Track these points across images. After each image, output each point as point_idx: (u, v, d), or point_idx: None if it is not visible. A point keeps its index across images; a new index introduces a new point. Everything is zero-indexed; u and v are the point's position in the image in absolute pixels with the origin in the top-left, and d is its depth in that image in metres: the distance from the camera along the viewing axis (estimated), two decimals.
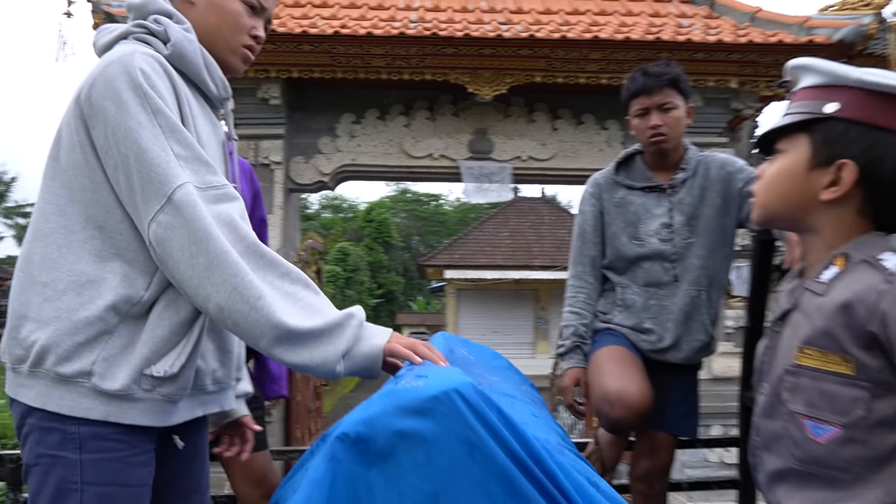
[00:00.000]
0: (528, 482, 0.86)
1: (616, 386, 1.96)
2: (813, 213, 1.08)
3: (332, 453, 0.84)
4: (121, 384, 1.12)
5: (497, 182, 6.62)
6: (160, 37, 1.26)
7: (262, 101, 6.28)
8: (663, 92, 2.10)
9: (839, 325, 1.00)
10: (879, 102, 1.01)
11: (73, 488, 1.11)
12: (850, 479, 0.98)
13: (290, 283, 1.15)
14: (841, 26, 5.79)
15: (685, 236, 2.15)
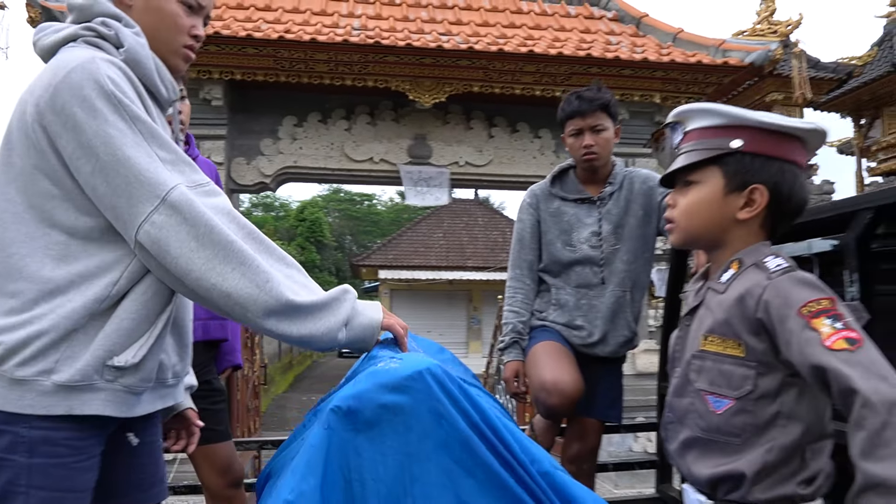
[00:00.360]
0: (482, 444, 1.09)
1: (552, 376, 2.17)
2: (729, 231, 1.28)
3: (328, 423, 1.05)
4: (80, 374, 1.11)
5: (435, 186, 6.83)
6: (111, 41, 1.25)
7: (205, 101, 6.29)
8: (595, 115, 2.32)
9: (734, 315, 1.18)
10: (772, 138, 1.23)
11: (19, 491, 1.09)
12: (741, 443, 1.16)
13: (286, 267, 1.22)
14: (752, 50, 6.30)
15: (612, 243, 2.39)
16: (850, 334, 1.04)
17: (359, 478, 1.03)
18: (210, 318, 2.44)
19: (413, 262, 23.57)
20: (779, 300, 1.12)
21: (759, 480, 1.14)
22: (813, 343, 1.05)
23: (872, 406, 0.96)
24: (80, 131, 1.12)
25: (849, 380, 0.99)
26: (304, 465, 1.04)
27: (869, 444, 0.95)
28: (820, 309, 1.08)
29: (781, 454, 1.13)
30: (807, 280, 1.14)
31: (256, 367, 8.19)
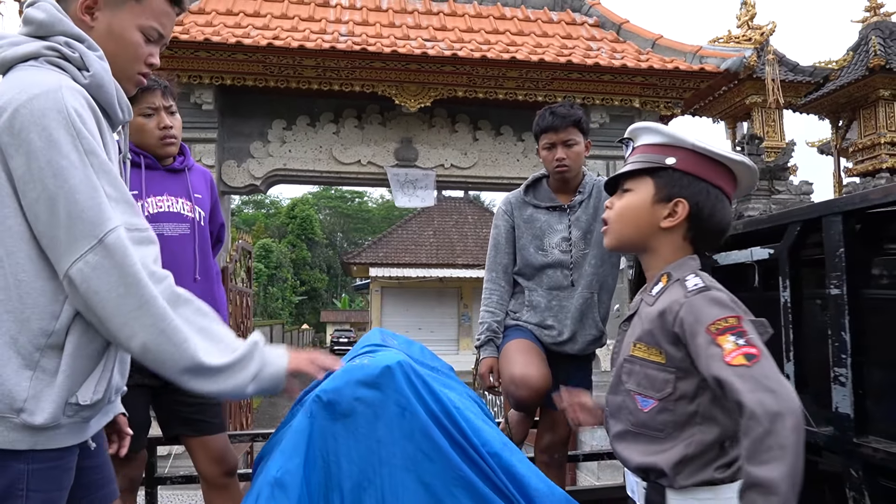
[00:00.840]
0: (439, 432, 1.28)
1: (521, 371, 2.34)
2: (654, 237, 1.40)
3: (311, 411, 1.24)
4: (49, 417, 1.16)
5: (422, 188, 7.01)
6: (75, 63, 1.25)
7: (196, 105, 6.44)
8: (567, 130, 2.50)
9: (657, 327, 1.30)
10: (703, 161, 1.36)
11: (19, 494, 1.17)
12: (664, 437, 1.29)
13: (202, 318, 1.25)
14: (727, 57, 6.50)
15: (581, 248, 2.56)
16: (750, 350, 1.15)
17: (335, 459, 1.22)
18: None
19: (403, 259, 23.72)
20: (691, 317, 1.23)
21: (680, 470, 1.26)
22: (716, 358, 1.17)
23: (756, 417, 1.09)
24: (32, 157, 1.14)
25: (739, 393, 1.12)
26: (290, 447, 1.23)
27: (752, 449, 1.09)
28: (726, 326, 1.19)
29: (700, 447, 1.26)
30: (718, 299, 1.24)
31: None
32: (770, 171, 7.73)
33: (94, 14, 1.32)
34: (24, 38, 1.27)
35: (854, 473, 1.69)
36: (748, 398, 1.12)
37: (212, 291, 2.60)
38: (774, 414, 1.10)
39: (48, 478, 1.22)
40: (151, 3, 1.37)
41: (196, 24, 6.43)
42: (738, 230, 2.25)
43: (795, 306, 1.97)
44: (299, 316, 40.33)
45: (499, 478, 1.27)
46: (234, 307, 7.23)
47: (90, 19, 1.32)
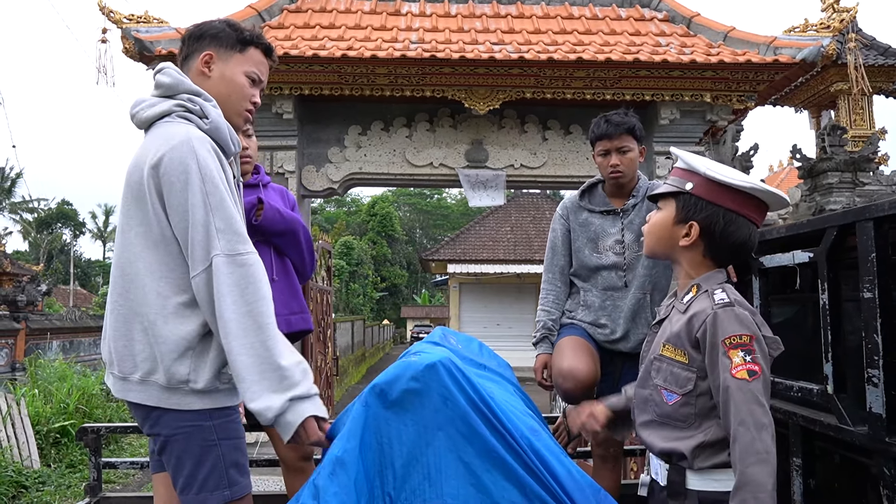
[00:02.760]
0: (479, 420, 1.46)
1: (568, 364, 2.46)
2: (676, 252, 1.60)
3: (366, 401, 1.46)
4: (207, 383, 1.61)
5: (492, 188, 7.18)
6: (197, 114, 1.66)
7: (277, 115, 6.84)
8: (621, 138, 2.60)
9: (684, 331, 1.49)
10: (716, 188, 1.52)
11: (212, 444, 1.63)
12: (686, 427, 1.48)
13: (265, 351, 1.54)
14: (803, 47, 6.33)
15: (635, 250, 2.64)
16: (753, 367, 1.37)
17: (388, 441, 1.43)
18: (290, 313, 2.84)
19: (481, 255, 23.83)
20: (713, 328, 1.42)
21: (698, 454, 1.45)
22: (724, 368, 1.38)
23: (747, 426, 1.32)
24: (173, 195, 1.57)
25: (735, 403, 1.35)
26: (348, 431, 1.45)
27: (742, 453, 1.32)
28: (739, 343, 1.40)
29: (716, 436, 1.44)
30: (740, 317, 1.43)
31: (329, 360, 8.77)
32: (854, 163, 7.43)
33: (211, 67, 1.76)
34: (158, 99, 1.70)
35: (887, 472, 1.75)
36: (742, 408, 1.35)
37: (291, 287, 2.86)
38: (761, 425, 1.34)
39: (229, 429, 1.66)
40: (251, 55, 1.80)
41: (276, 38, 6.82)
42: (782, 234, 2.31)
43: (833, 308, 2.03)
44: (380, 311, 41.20)
45: (530, 458, 1.45)
46: (314, 304, 7.62)
47: (208, 71, 1.76)
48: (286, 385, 1.56)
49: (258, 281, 1.59)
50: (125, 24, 6.44)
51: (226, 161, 1.74)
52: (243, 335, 1.54)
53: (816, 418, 2.07)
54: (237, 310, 1.54)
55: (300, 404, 1.56)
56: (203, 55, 1.77)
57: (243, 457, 1.73)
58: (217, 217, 1.57)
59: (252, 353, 1.53)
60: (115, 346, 1.68)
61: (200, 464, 1.63)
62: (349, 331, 22.45)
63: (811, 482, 2.19)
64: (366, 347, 25.52)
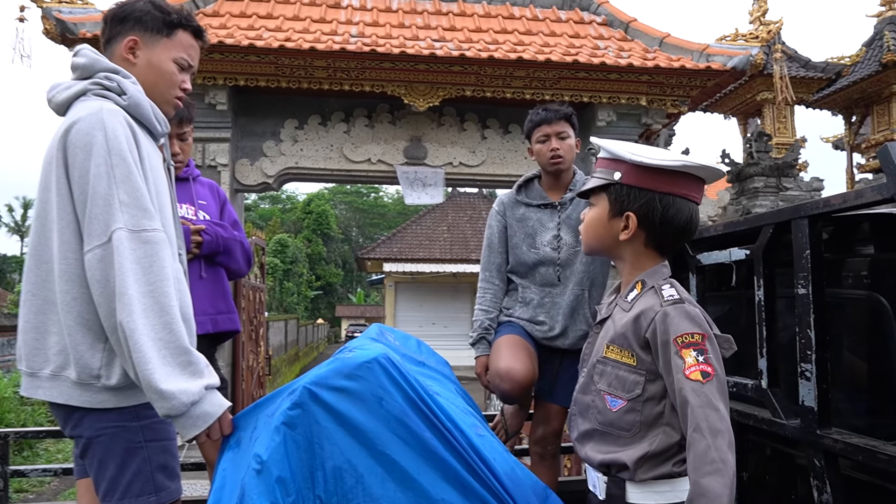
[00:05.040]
0: (417, 419, 1.40)
1: (505, 365, 2.42)
2: (617, 247, 1.49)
3: (297, 398, 1.37)
4: (120, 378, 1.49)
5: (431, 185, 7.13)
6: (115, 91, 1.57)
7: (210, 106, 6.59)
8: (560, 123, 2.57)
9: (630, 331, 1.38)
10: (646, 172, 1.41)
11: (138, 446, 1.52)
12: (630, 437, 1.37)
13: (169, 334, 1.43)
14: (734, 55, 6.54)
15: (572, 246, 2.63)
16: (707, 368, 1.27)
17: (318, 442, 1.35)
18: (217, 312, 2.74)
19: (418, 255, 23.80)
20: (663, 326, 1.33)
21: (641, 465, 1.35)
22: (677, 369, 1.28)
23: (701, 430, 1.22)
24: (74, 167, 1.47)
25: (690, 406, 1.25)
26: (273, 429, 1.36)
27: (697, 462, 1.22)
28: (691, 342, 1.30)
29: (662, 446, 1.34)
30: (690, 314, 1.34)
31: (261, 359, 8.54)
32: (778, 168, 7.75)
33: (136, 53, 1.67)
34: (74, 81, 1.62)
35: (817, 464, 1.79)
36: (697, 412, 1.24)
37: (220, 286, 2.77)
38: (717, 431, 1.23)
39: (157, 429, 1.55)
40: (180, 38, 1.71)
41: (210, 26, 6.58)
42: (719, 231, 2.35)
43: (768, 304, 2.07)
44: (315, 310, 40.66)
45: (471, 457, 1.39)
46: (246, 302, 7.40)
47: (133, 57, 1.67)
48: (195, 371, 1.46)
49: (162, 260, 1.49)
50: (46, 3, 6.08)
51: (148, 140, 1.65)
52: (145, 316, 1.41)
53: (751, 412, 2.11)
54: (139, 288, 1.43)
55: (215, 394, 1.48)
56: (127, 40, 1.67)
57: (173, 459, 1.61)
58: (122, 190, 1.46)
59: (155, 335, 1.42)
60: (25, 339, 1.56)
61: (124, 467, 1.52)
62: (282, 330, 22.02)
63: (744, 475, 2.23)
64: (299, 347, 25.11)
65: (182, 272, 1.70)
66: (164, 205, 1.66)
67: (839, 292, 1.93)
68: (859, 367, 1.93)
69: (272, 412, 1.44)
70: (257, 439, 1.42)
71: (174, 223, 1.73)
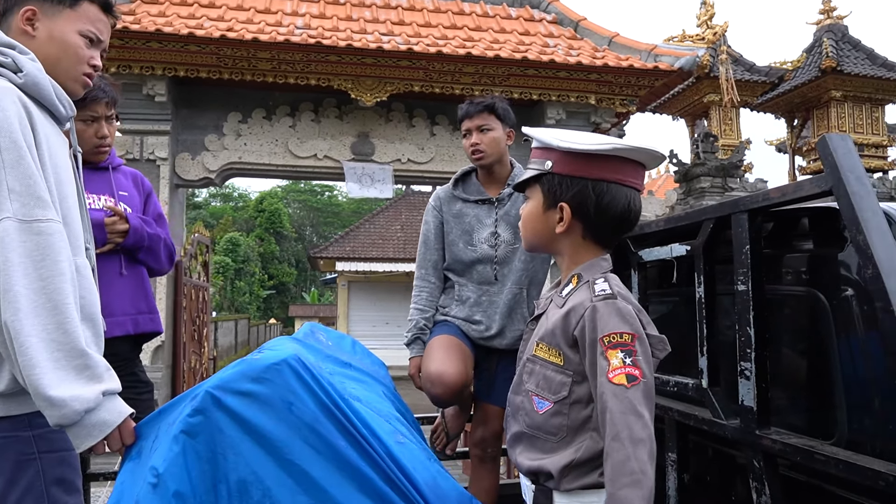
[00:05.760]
0: (331, 426, 1.29)
1: (436, 368, 2.32)
2: (555, 241, 1.40)
3: (198, 403, 1.24)
4: (7, 384, 1.36)
5: (379, 182, 6.99)
6: (9, 67, 1.41)
7: (148, 97, 6.34)
8: (481, 116, 2.48)
9: (560, 327, 1.29)
10: (572, 158, 1.33)
11: (30, 458, 1.37)
12: (556, 441, 1.29)
13: (62, 335, 1.30)
14: (681, 56, 6.60)
15: (511, 243, 2.54)
16: (633, 371, 1.18)
17: (222, 452, 1.23)
18: (138, 312, 2.58)
19: (371, 254, 23.59)
20: (591, 323, 1.23)
21: (566, 474, 1.26)
22: (601, 371, 1.19)
23: (620, 439, 1.13)
24: None
25: (611, 412, 1.16)
26: (171, 438, 1.23)
27: (614, 472, 1.13)
28: (619, 342, 1.20)
29: (588, 453, 1.25)
30: (621, 311, 1.24)
31: (205, 360, 8.26)
32: (724, 169, 7.87)
33: (35, 24, 1.51)
34: None
35: (756, 464, 1.74)
36: (617, 419, 1.15)
37: (141, 285, 2.61)
38: (637, 440, 1.14)
39: (53, 439, 1.40)
40: (86, 10, 1.56)
41: (149, 13, 6.32)
42: (661, 227, 2.30)
43: (709, 302, 2.02)
44: (267, 310, 39.98)
45: (388, 467, 1.28)
46: (189, 301, 7.14)
47: (31, 29, 1.51)
48: (92, 375, 1.32)
49: (57, 253, 1.34)
50: None
51: (49, 123, 1.50)
52: (34, 315, 1.27)
53: (691, 412, 2.05)
54: (29, 284, 1.29)
55: (115, 400, 1.34)
56: (24, 10, 1.52)
57: (72, 472, 1.46)
58: (11, 176, 1.32)
59: (46, 335, 1.28)
60: None
61: (13, 482, 1.37)
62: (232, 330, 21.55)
63: (685, 476, 2.18)
64: (250, 347, 24.62)
65: (89, 268, 1.55)
66: (68, 195, 1.50)
67: (778, 289, 1.89)
68: (798, 364, 1.89)
69: (173, 420, 1.31)
70: (156, 450, 1.28)
71: (81, 215, 1.58)
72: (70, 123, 1.64)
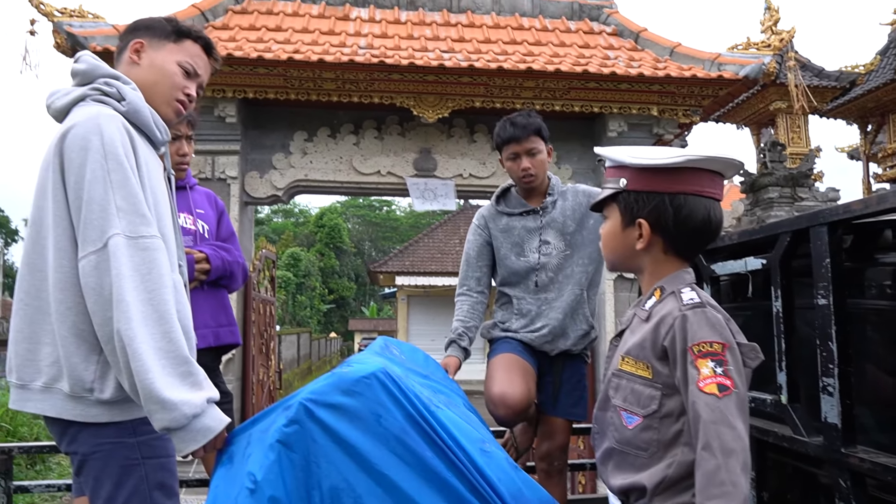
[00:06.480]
0: (418, 437, 1.33)
1: (499, 389, 2.34)
2: (636, 258, 1.41)
3: (292, 414, 1.30)
4: (114, 392, 1.46)
5: (442, 196, 7.08)
6: (114, 97, 1.56)
7: (219, 118, 6.60)
8: (530, 140, 2.51)
9: (648, 339, 1.29)
10: (647, 174, 1.35)
11: (135, 463, 1.47)
12: (648, 457, 1.27)
13: (168, 343, 1.38)
14: (746, 64, 6.46)
15: (562, 248, 2.57)
16: (725, 381, 1.17)
17: (315, 460, 1.29)
18: (218, 325, 2.71)
19: (429, 268, 23.77)
20: (681, 333, 1.23)
21: (658, 492, 1.24)
22: (692, 380, 1.18)
23: (712, 450, 1.12)
24: (70, 172, 1.44)
25: (703, 422, 1.14)
26: (267, 447, 1.30)
27: (705, 483, 1.12)
28: (709, 351, 1.19)
29: (681, 469, 1.23)
30: (711, 319, 1.23)
31: (272, 373, 8.48)
32: (793, 179, 7.64)
33: (140, 55, 1.68)
34: (73, 87, 1.61)
35: (843, 483, 1.70)
36: (709, 428, 1.14)
37: (220, 299, 2.73)
38: (729, 451, 1.12)
39: (155, 446, 1.50)
40: (187, 46, 1.72)
41: (220, 39, 6.60)
42: (734, 240, 2.27)
43: (787, 316, 1.98)
44: (328, 324, 40.68)
45: (474, 478, 1.32)
46: (257, 315, 7.36)
47: (137, 58, 1.68)
48: (195, 382, 1.40)
49: (161, 267, 1.44)
50: (57, 17, 6.11)
51: (147, 147, 1.63)
52: (144, 323, 1.36)
53: (770, 429, 2.02)
54: (138, 296, 1.38)
55: (216, 408, 1.42)
56: (133, 43, 1.70)
57: (171, 477, 1.56)
58: (118, 195, 1.43)
59: (154, 343, 1.36)
60: (16, 349, 1.50)
61: (120, 486, 1.47)
62: (295, 343, 22.01)
63: (764, 494, 2.13)
64: (312, 360, 25.06)
65: (182, 283, 1.65)
66: (164, 214, 1.62)
67: (861, 303, 1.84)
68: (884, 381, 1.84)
69: (266, 428, 1.38)
70: (250, 456, 1.36)
71: (174, 232, 1.69)
72: (164, 147, 1.76)
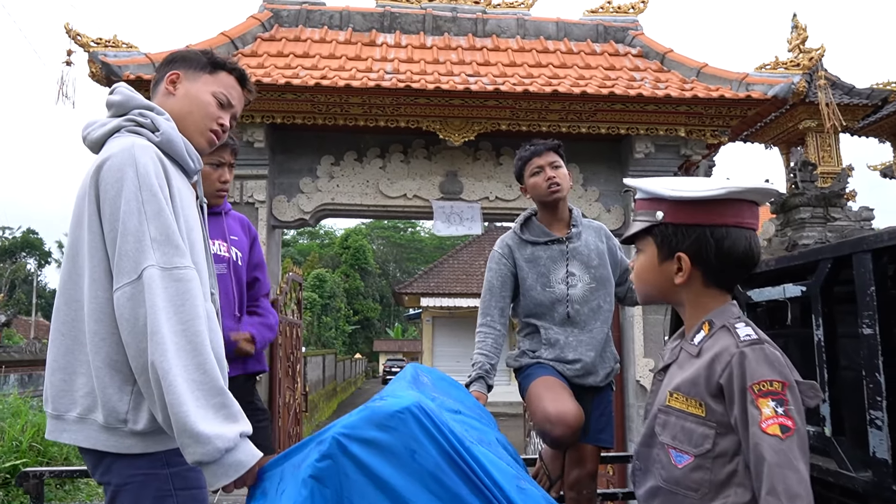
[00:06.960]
0: (453, 474, 1.30)
1: (555, 408, 2.30)
2: (675, 292, 1.37)
3: (325, 448, 1.28)
4: (148, 424, 1.45)
5: (468, 220, 7.07)
6: (148, 128, 1.58)
7: (248, 143, 6.68)
8: (550, 154, 2.58)
9: (703, 376, 1.24)
10: (686, 207, 1.31)
11: (167, 495, 1.46)
12: (698, 498, 1.22)
13: (202, 374, 1.38)
14: (774, 84, 6.39)
15: (587, 282, 2.57)
16: (787, 422, 1.13)
17: (348, 496, 1.26)
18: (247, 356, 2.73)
19: (455, 289, 23.74)
20: (739, 370, 1.19)
21: None
22: (753, 421, 1.14)
23: (777, 495, 1.08)
24: (106, 203, 1.46)
25: (767, 464, 1.10)
26: (300, 482, 1.28)
27: None
28: (770, 390, 1.15)
29: None
30: (770, 358, 1.20)
31: (298, 395, 8.48)
32: (825, 198, 7.50)
33: (177, 85, 1.72)
34: (108, 119, 1.64)
35: None
36: (774, 472, 1.10)
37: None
38: (794, 495, 1.08)
39: (187, 477, 1.49)
40: (222, 77, 1.74)
41: (249, 66, 6.70)
42: (771, 266, 2.22)
43: (829, 345, 1.93)
44: (352, 345, 40.75)
45: None
46: (284, 338, 7.38)
47: (173, 89, 1.71)
48: (229, 414, 1.39)
49: (195, 298, 1.44)
50: (92, 47, 6.27)
51: (180, 176, 1.65)
52: (178, 355, 1.36)
53: (814, 462, 1.95)
54: (172, 327, 1.38)
55: (249, 443, 1.41)
56: (170, 74, 1.73)
57: None
58: (153, 226, 1.44)
59: (188, 375, 1.36)
60: (52, 380, 1.51)
61: None
62: (320, 365, 22.04)
63: None
64: (337, 382, 25.07)
65: (214, 313, 1.66)
66: (196, 242, 1.63)
67: None
68: None
69: (299, 463, 1.36)
70: (284, 491, 1.34)
71: (207, 262, 1.70)
72: (197, 176, 1.78)
